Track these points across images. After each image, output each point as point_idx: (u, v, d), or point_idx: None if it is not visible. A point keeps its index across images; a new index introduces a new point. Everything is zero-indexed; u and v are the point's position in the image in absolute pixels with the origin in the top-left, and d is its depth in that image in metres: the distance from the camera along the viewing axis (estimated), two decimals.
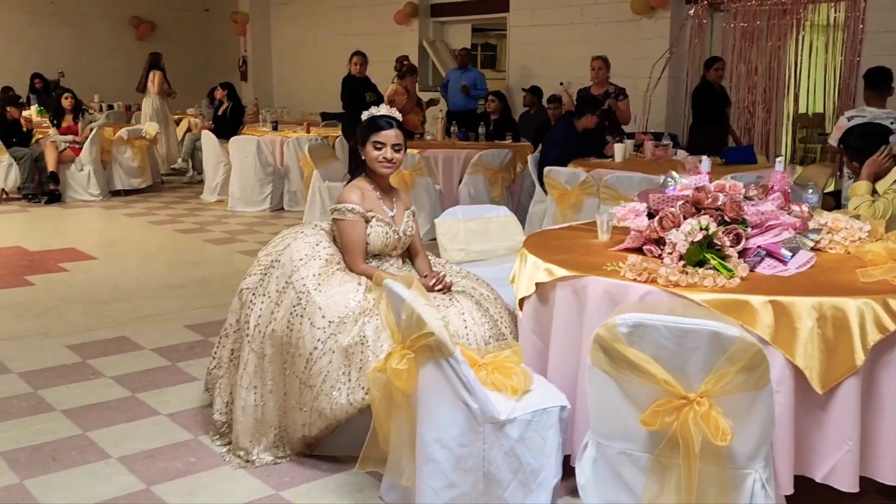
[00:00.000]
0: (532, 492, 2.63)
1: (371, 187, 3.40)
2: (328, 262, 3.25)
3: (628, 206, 3.24)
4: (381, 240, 3.35)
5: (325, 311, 3.08)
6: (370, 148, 3.33)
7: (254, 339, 3.21)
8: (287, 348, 3.12)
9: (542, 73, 11.04)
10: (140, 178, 10.46)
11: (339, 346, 3.03)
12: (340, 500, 2.94)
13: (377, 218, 3.35)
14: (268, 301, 3.22)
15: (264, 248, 3.48)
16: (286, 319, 3.13)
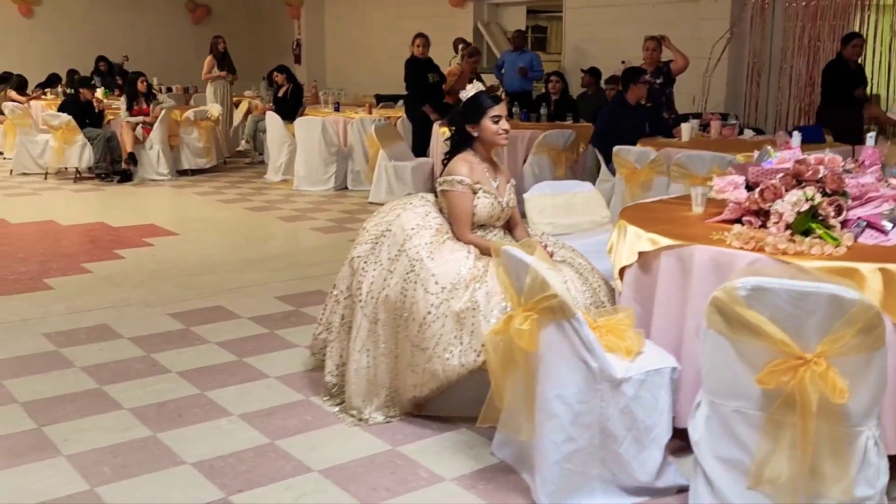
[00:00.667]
0: (645, 448, 2.77)
1: (478, 160, 3.54)
2: (438, 232, 3.41)
3: (727, 179, 3.34)
4: (488, 210, 3.50)
5: (437, 278, 3.24)
6: (488, 122, 3.47)
7: (366, 305, 3.38)
8: (400, 313, 3.29)
9: (598, 55, 11.08)
10: (205, 158, 10.73)
11: (451, 311, 3.19)
12: (454, 456, 3.10)
13: (484, 189, 3.49)
14: (380, 269, 3.39)
15: (371, 218, 3.65)
16: (400, 286, 3.29)
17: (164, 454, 3.08)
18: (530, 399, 2.79)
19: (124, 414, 3.41)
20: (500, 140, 3.54)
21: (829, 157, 3.25)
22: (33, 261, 6.02)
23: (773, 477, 2.54)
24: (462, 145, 3.60)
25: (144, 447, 3.14)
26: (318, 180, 9.49)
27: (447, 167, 3.57)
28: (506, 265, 2.89)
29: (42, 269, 5.78)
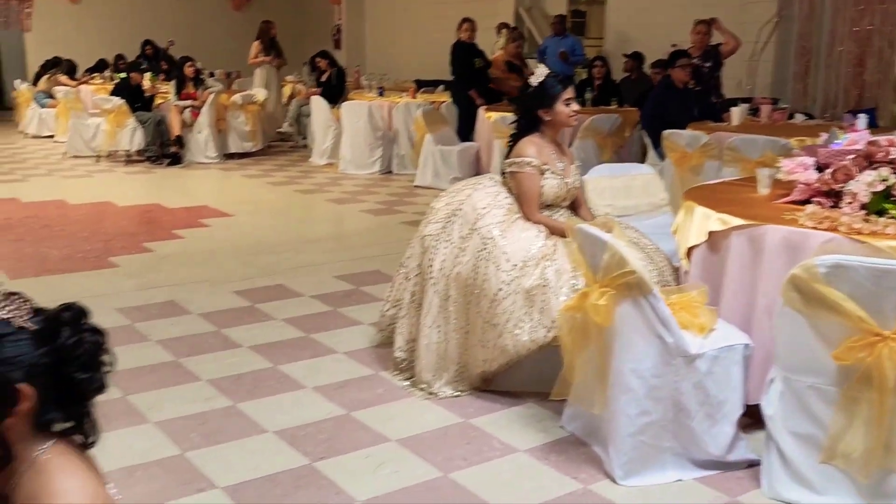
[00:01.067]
0: (717, 422, 2.83)
1: (545, 142, 3.61)
2: (509, 211, 3.48)
3: (796, 161, 3.37)
4: (554, 191, 3.57)
5: (509, 256, 3.32)
6: (561, 106, 3.53)
7: (438, 282, 3.47)
8: (472, 290, 3.38)
9: (641, 39, 11.03)
10: (252, 141, 10.88)
11: (522, 288, 3.27)
12: (524, 429, 3.19)
13: (551, 171, 3.56)
14: (451, 247, 3.47)
15: (439, 198, 3.73)
16: (472, 263, 3.38)
17: (247, 423, 3.20)
18: (604, 373, 2.87)
19: (203, 385, 3.54)
20: (572, 122, 3.62)
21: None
22: (96, 240, 6.19)
23: (847, 452, 2.60)
24: (529, 128, 3.66)
25: (227, 416, 3.26)
26: (363, 164, 9.59)
27: (514, 149, 3.63)
28: (580, 243, 2.96)
29: (106, 247, 5.95)
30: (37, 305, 1.40)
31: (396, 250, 5.73)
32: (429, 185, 8.55)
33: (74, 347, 1.34)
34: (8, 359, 1.28)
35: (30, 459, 1.34)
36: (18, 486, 1.31)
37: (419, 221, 6.63)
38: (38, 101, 12.88)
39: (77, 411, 1.38)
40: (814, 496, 2.66)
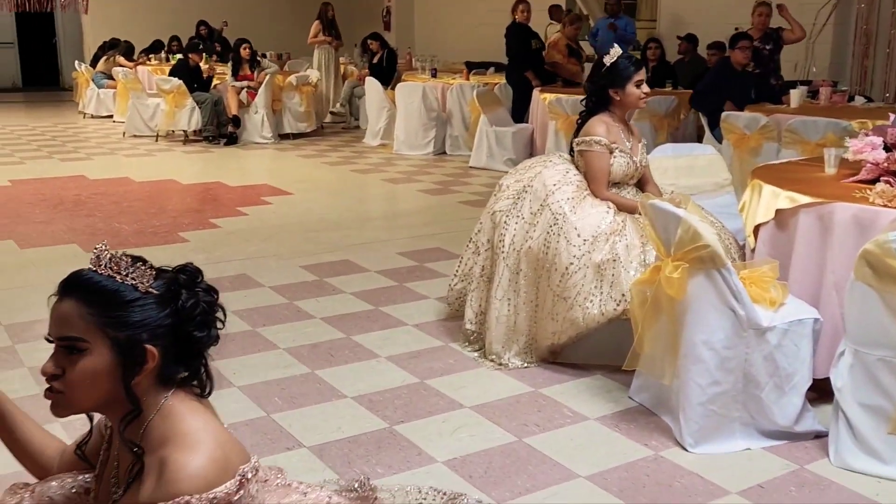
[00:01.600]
0: (785, 394, 2.91)
1: (613, 121, 3.69)
2: (578, 188, 3.58)
3: (865, 140, 3.41)
4: (623, 169, 3.65)
5: (580, 231, 3.41)
6: (632, 87, 3.61)
7: (508, 256, 3.58)
8: (542, 264, 3.48)
9: (695, 21, 10.97)
10: (306, 122, 11.07)
11: (592, 262, 3.37)
12: (593, 398, 3.30)
13: (619, 149, 3.64)
14: (521, 222, 3.58)
15: (508, 176, 3.83)
16: (543, 238, 3.48)
17: (326, 388, 3.35)
18: (675, 345, 2.96)
19: (282, 353, 3.70)
20: (641, 104, 3.70)
21: None
22: (164, 216, 6.41)
23: None
24: (599, 107, 3.74)
25: (307, 382, 3.41)
26: (417, 145, 9.71)
27: (584, 128, 3.72)
28: (652, 218, 3.05)
29: (174, 223, 6.15)
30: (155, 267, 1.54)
31: (455, 229, 5.90)
32: (483, 166, 8.65)
33: (192, 308, 1.48)
34: (136, 322, 1.42)
35: (156, 407, 1.48)
36: (147, 431, 1.46)
37: (476, 201, 6.84)
38: (96, 81, 13.20)
39: (194, 364, 1.52)
40: (881, 466, 2.73)
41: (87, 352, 1.42)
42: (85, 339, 1.42)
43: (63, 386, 1.43)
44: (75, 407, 1.47)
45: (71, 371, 1.42)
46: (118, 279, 1.44)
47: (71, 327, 1.42)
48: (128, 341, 1.43)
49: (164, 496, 1.34)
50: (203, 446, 1.40)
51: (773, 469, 2.78)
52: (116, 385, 1.44)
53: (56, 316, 1.45)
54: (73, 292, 1.44)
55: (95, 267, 1.46)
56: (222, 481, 1.37)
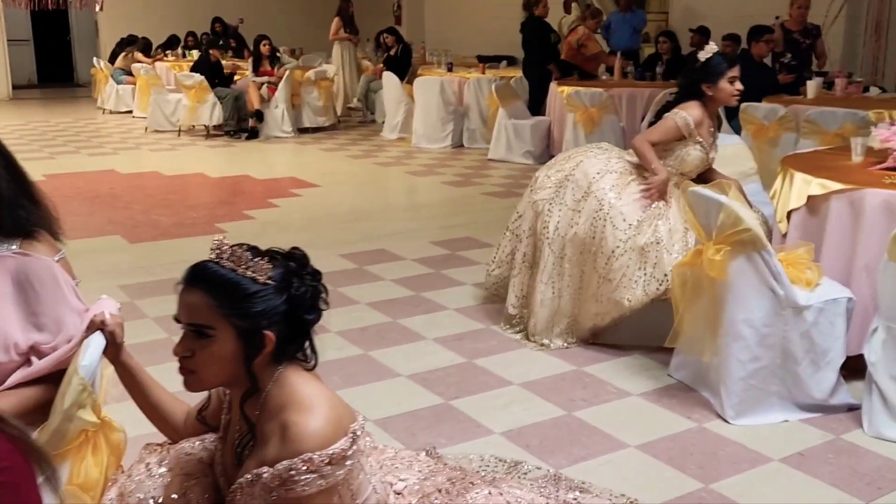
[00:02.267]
0: (821, 369, 3.09)
1: (706, 115, 3.78)
2: (622, 175, 3.74)
3: (892, 129, 3.58)
4: (696, 163, 3.77)
5: (626, 216, 3.58)
6: (725, 83, 3.67)
7: (553, 242, 3.75)
8: (588, 248, 3.65)
9: (708, 13, 11.11)
10: (324, 116, 11.23)
11: (637, 245, 3.54)
12: (634, 376, 3.48)
13: (701, 144, 3.75)
14: (566, 209, 3.75)
15: (544, 168, 4.00)
16: (588, 224, 3.65)
17: (380, 368, 3.54)
18: (715, 324, 3.13)
19: (334, 336, 3.88)
20: (733, 101, 3.77)
21: None
22: (200, 208, 6.59)
23: None
24: (688, 98, 3.78)
25: (361, 362, 3.60)
26: (435, 138, 9.86)
27: (682, 105, 3.75)
28: (692, 205, 3.22)
29: (210, 214, 6.34)
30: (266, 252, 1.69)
31: (482, 219, 6.08)
32: (502, 158, 8.82)
33: (303, 295, 1.65)
34: (257, 312, 1.59)
35: (272, 379, 1.66)
36: (266, 400, 1.63)
37: (498, 192, 7.02)
38: (115, 77, 13.38)
39: (302, 341, 1.69)
40: None
41: (213, 338, 1.59)
42: (212, 326, 1.58)
43: (194, 366, 1.61)
44: (206, 384, 1.65)
45: (200, 353, 1.60)
46: (239, 272, 1.60)
47: (199, 315, 1.59)
48: (249, 329, 1.59)
49: (289, 454, 1.52)
50: (318, 409, 1.57)
51: (811, 439, 2.96)
52: (239, 366, 1.61)
53: (185, 304, 1.62)
54: (199, 283, 1.61)
55: (217, 259, 1.62)
56: (337, 439, 1.55)
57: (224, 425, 1.82)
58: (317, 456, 1.52)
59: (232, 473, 1.72)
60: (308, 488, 1.52)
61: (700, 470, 2.74)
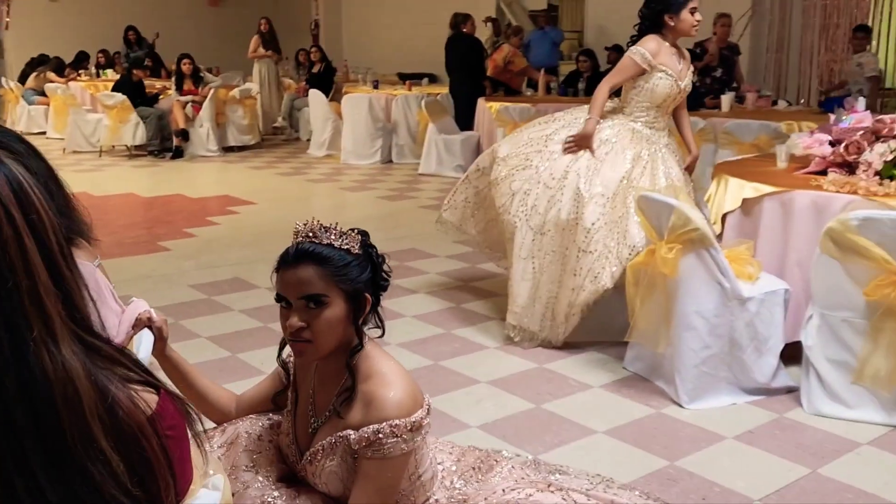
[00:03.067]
0: (763, 355, 3.38)
1: (665, 43, 3.98)
2: (591, 158, 3.91)
3: (813, 137, 3.94)
4: (666, 91, 3.96)
5: (603, 190, 3.79)
6: (687, 13, 3.88)
7: (532, 218, 3.90)
8: (569, 225, 3.82)
9: (620, 32, 11.61)
10: (250, 135, 11.25)
11: (612, 219, 3.76)
12: (593, 370, 3.71)
13: (666, 72, 3.94)
14: (543, 187, 3.90)
15: (504, 145, 4.17)
16: (571, 201, 3.82)
17: None
18: (668, 317, 3.40)
19: None
20: (693, 31, 3.97)
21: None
22: (138, 227, 6.57)
23: (874, 373, 3.17)
24: (649, 31, 3.99)
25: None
26: (364, 154, 10.02)
27: (638, 41, 3.97)
28: (644, 208, 3.49)
29: (150, 233, 6.33)
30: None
31: (423, 231, 6.28)
32: (433, 173, 9.04)
33: (381, 263, 1.83)
34: (356, 277, 1.77)
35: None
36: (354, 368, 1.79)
37: (433, 206, 7.22)
38: (26, 98, 13.07)
39: (375, 308, 1.86)
40: (846, 410, 3.22)
41: (327, 304, 1.76)
42: (326, 294, 1.76)
43: (310, 335, 1.76)
44: (322, 351, 1.79)
45: (317, 322, 1.75)
46: (336, 245, 1.78)
47: (312, 287, 1.76)
48: (354, 291, 1.78)
49: (374, 420, 1.69)
50: (399, 382, 1.76)
51: (758, 418, 3.24)
52: (348, 328, 1.77)
53: (295, 280, 1.77)
54: (306, 259, 1.77)
55: (313, 238, 1.79)
56: (416, 410, 1.73)
57: (292, 401, 1.98)
58: (402, 422, 1.70)
59: (304, 442, 1.87)
60: (392, 451, 1.70)
61: (664, 449, 2.99)
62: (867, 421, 3.17)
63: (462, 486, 1.98)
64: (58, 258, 0.99)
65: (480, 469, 2.07)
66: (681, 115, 4.27)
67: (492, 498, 1.88)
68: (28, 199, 0.98)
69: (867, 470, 2.86)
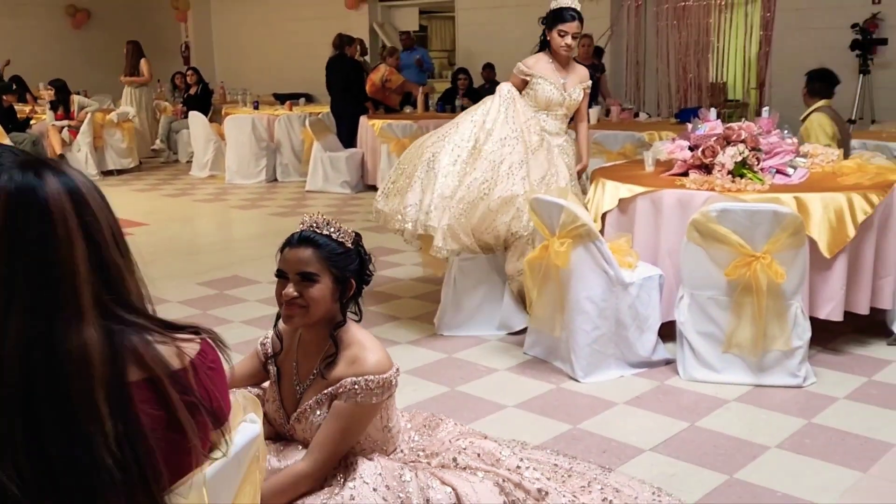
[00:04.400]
0: (644, 332, 3.89)
1: (548, 59, 4.58)
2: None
3: (675, 144, 4.51)
4: (546, 95, 4.53)
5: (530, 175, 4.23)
6: (555, 34, 4.49)
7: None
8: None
9: (490, 51, 12.26)
10: (129, 158, 11.17)
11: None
12: (498, 357, 4.13)
13: (545, 79, 4.52)
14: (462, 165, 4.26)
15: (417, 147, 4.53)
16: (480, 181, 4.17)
17: None
18: (562, 304, 3.86)
19: None
20: (562, 52, 4.55)
21: (746, 124, 4.48)
22: None
23: (739, 342, 3.72)
24: (543, 45, 4.63)
25: None
26: (249, 174, 10.17)
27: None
28: (536, 209, 3.94)
29: None
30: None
31: None
32: (320, 189, 9.31)
33: (368, 259, 2.19)
34: (346, 265, 2.15)
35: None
36: (336, 337, 2.12)
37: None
38: None
39: (357, 296, 2.20)
40: (715, 375, 3.76)
41: (318, 282, 2.09)
42: (318, 273, 2.10)
43: (305, 302, 2.07)
44: (310, 318, 2.10)
45: (308, 294, 2.07)
46: (333, 237, 2.13)
47: (308, 265, 2.10)
48: (342, 275, 2.12)
49: (354, 374, 2.02)
50: (376, 349, 2.12)
51: (643, 386, 3.74)
52: (333, 305, 2.11)
53: (295, 259, 2.12)
54: (307, 244, 2.13)
55: (317, 228, 2.14)
56: (388, 370, 2.08)
57: (274, 373, 2.30)
58: (376, 378, 2.05)
59: (291, 406, 2.16)
60: (364, 400, 2.03)
61: (567, 416, 3.43)
62: (733, 382, 3.72)
63: (419, 439, 2.34)
64: (109, 250, 1.24)
65: (429, 426, 2.43)
66: (579, 128, 4.85)
67: (442, 447, 2.24)
68: (84, 202, 1.23)
69: (735, 420, 3.39)
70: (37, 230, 1.16)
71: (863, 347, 4.14)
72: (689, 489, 2.83)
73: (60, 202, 1.18)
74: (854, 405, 3.53)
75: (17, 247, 1.14)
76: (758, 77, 10.06)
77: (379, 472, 2.00)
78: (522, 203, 4.13)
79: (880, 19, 8.78)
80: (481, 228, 4.18)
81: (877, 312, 4.17)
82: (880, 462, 3.03)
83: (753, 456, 3.08)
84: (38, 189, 1.18)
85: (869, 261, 4.04)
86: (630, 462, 3.04)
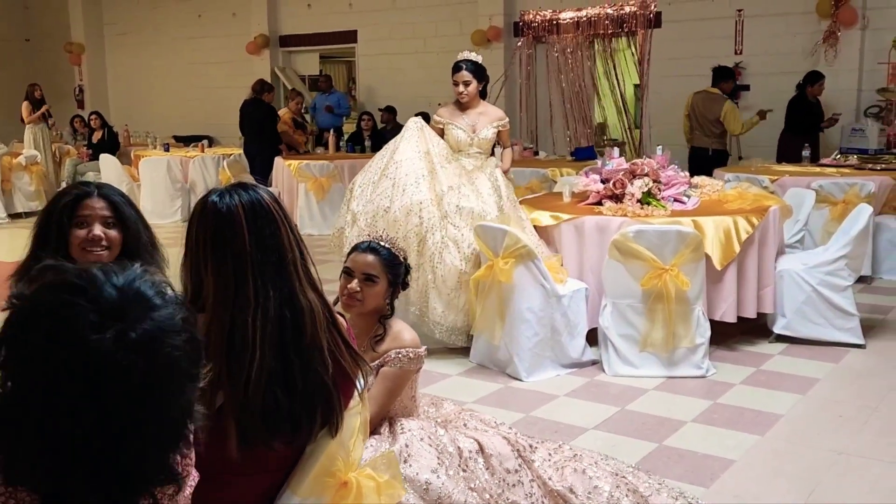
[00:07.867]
0: (574, 338, 4.57)
1: (455, 107, 5.25)
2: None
3: (590, 177, 5.26)
4: (457, 139, 5.17)
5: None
6: (453, 83, 5.16)
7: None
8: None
9: (391, 94, 12.95)
10: (37, 201, 11.18)
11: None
12: (448, 364, 4.71)
13: (454, 125, 5.17)
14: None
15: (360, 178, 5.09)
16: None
17: None
18: (503, 315, 4.49)
19: None
20: (458, 97, 5.21)
21: (647, 160, 5.28)
22: None
23: (653, 341, 4.45)
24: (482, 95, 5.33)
25: None
26: (166, 213, 10.43)
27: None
28: (481, 234, 4.58)
29: None
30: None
31: None
32: None
33: (409, 270, 2.78)
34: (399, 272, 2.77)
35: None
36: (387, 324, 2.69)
37: None
38: None
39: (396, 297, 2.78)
40: (635, 370, 4.48)
41: (376, 283, 2.65)
42: (378, 276, 2.66)
43: (362, 297, 2.60)
44: (364, 309, 2.63)
45: (367, 291, 2.62)
46: (394, 251, 2.72)
47: (372, 269, 2.66)
48: (394, 279, 2.69)
49: (398, 347, 2.58)
50: (412, 332, 2.70)
51: (577, 382, 4.41)
52: (384, 301, 2.65)
53: (363, 262, 2.68)
54: (373, 252, 2.69)
55: (380, 242, 2.73)
56: (420, 347, 2.65)
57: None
58: (413, 351, 2.60)
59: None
60: (404, 367, 2.59)
61: (520, 407, 4.05)
62: (650, 375, 4.44)
63: (432, 412, 2.91)
64: (300, 244, 1.85)
65: (435, 404, 3.00)
66: (503, 153, 5.46)
67: (451, 416, 2.82)
68: (283, 209, 1.84)
69: (656, 403, 4.10)
70: (269, 229, 1.72)
71: (751, 345, 4.95)
72: (629, 454, 3.48)
73: (274, 208, 1.75)
74: (748, 388, 4.30)
75: (260, 242, 1.70)
76: (636, 118, 11.14)
77: (421, 427, 2.55)
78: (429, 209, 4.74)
79: (742, 67, 9.97)
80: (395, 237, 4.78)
81: (761, 316, 5.00)
82: (773, 428, 3.79)
83: (675, 429, 3.78)
84: (261, 200, 1.74)
85: (753, 272, 4.87)
86: (578, 438, 3.68)
